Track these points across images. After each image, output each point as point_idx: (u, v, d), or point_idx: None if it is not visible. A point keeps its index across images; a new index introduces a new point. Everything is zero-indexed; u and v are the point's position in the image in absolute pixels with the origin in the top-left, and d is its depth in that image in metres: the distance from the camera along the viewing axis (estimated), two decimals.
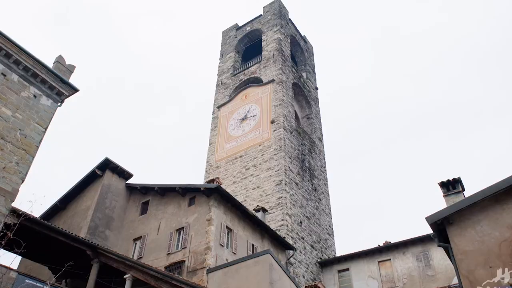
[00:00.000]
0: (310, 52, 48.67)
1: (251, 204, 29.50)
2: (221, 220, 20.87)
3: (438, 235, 10.28)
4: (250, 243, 22.25)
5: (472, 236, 9.52)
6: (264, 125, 35.06)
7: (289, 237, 27.49)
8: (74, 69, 17.61)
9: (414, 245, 24.80)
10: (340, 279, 26.68)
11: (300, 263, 27.51)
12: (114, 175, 24.77)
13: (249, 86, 39.38)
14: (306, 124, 40.91)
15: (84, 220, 22.85)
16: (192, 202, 21.86)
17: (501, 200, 9.55)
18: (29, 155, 15.33)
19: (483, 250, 9.25)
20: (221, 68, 44.25)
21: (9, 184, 14.32)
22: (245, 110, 37.49)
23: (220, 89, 42.15)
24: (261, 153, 33.32)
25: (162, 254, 20.92)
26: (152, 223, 22.72)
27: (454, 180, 12.83)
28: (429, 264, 23.72)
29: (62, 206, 25.27)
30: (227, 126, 37.76)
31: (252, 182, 32.08)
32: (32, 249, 15.65)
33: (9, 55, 15.68)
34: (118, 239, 23.31)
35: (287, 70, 39.59)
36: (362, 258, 26.28)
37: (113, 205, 24.04)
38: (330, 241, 33.72)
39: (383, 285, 24.59)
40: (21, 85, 16.03)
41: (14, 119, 15.32)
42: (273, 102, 35.94)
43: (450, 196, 12.50)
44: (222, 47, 46.39)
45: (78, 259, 15.49)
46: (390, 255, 25.43)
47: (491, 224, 9.40)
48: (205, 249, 19.44)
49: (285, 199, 29.40)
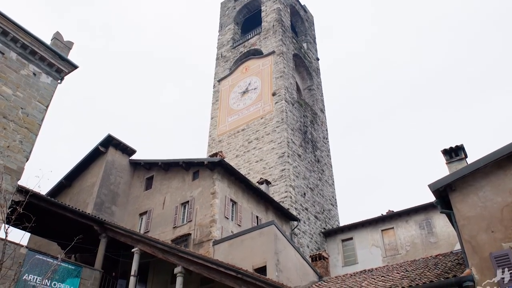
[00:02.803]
0: (311, 22, 47.86)
1: (254, 177, 29.70)
2: (225, 193, 21.07)
3: (441, 202, 10.37)
4: (255, 215, 22.53)
5: (474, 202, 9.60)
6: (265, 97, 34.89)
7: (293, 208, 27.80)
8: (72, 46, 17.43)
9: (417, 213, 25.05)
10: (344, 248, 27.09)
11: (304, 233, 27.92)
12: (117, 152, 24.90)
13: (250, 59, 38.97)
14: (307, 95, 40.68)
15: (90, 197, 23.12)
16: (196, 176, 22.03)
17: (504, 165, 9.58)
18: (32, 134, 15.37)
19: (485, 215, 9.34)
20: (220, 41, 43.69)
21: (14, 163, 14.43)
22: (246, 83, 37.23)
23: (220, 62, 41.74)
24: (263, 126, 33.30)
25: (168, 228, 21.25)
26: (157, 198, 22.98)
27: (457, 147, 12.81)
28: (431, 232, 24.03)
29: (68, 183, 25.54)
30: (228, 99, 37.58)
31: (255, 155, 32.20)
32: (41, 226, 15.87)
33: (6, 32, 15.50)
34: (124, 214, 23.64)
35: (287, 41, 39.06)
36: (366, 227, 26.60)
37: (117, 181, 24.27)
38: (333, 211, 34.09)
39: (386, 252, 24.99)
40: (20, 63, 15.92)
41: (15, 97, 15.28)
42: (274, 74, 35.64)
43: (453, 163, 12.52)
44: (221, 19, 45.64)
45: (86, 235, 15.74)
46: (393, 223, 25.73)
47: (494, 190, 9.46)
48: (211, 222, 19.72)
49: (288, 171, 29.56)
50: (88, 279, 16.76)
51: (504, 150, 9.55)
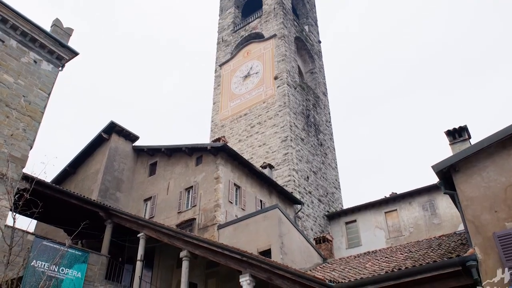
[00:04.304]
0: (312, 3, 47.29)
1: (257, 161, 29.77)
2: (229, 178, 21.15)
3: (444, 183, 10.36)
4: (259, 199, 22.65)
5: (478, 183, 9.59)
6: (267, 81, 34.73)
7: (297, 192, 27.91)
8: (72, 32, 17.32)
9: (420, 195, 25.11)
10: (348, 230, 27.27)
11: (308, 216, 28.09)
12: (120, 138, 24.97)
13: (251, 42, 38.67)
14: (310, 79, 40.45)
15: (94, 183, 23.27)
16: (199, 161, 22.09)
17: (508, 145, 9.54)
18: (35, 121, 15.40)
19: (489, 195, 9.34)
20: (221, 25, 43.30)
21: (18, 151, 14.49)
22: (248, 67, 37.03)
23: (221, 47, 41.45)
24: (265, 110, 33.24)
25: (173, 213, 21.41)
26: (161, 183, 23.10)
27: (461, 128, 12.73)
28: (435, 213, 24.13)
29: (72, 170, 25.69)
30: (230, 84, 37.44)
31: (257, 139, 32.21)
32: (47, 213, 15.99)
33: (6, 20, 15.40)
34: (129, 200, 23.82)
35: (288, 24, 38.68)
36: (369, 209, 26.71)
37: (121, 167, 24.38)
38: (337, 194, 34.22)
39: (390, 234, 25.15)
40: (20, 50, 15.86)
41: (17, 85, 15.26)
42: (276, 58, 35.41)
43: (456, 144, 12.46)
44: (221, 2, 45.14)
45: (92, 221, 15.87)
46: (397, 205, 25.82)
47: (497, 170, 9.44)
48: (215, 207, 19.84)
49: (291, 155, 29.60)
50: (95, 264, 16.99)
51: (509, 130, 9.49)
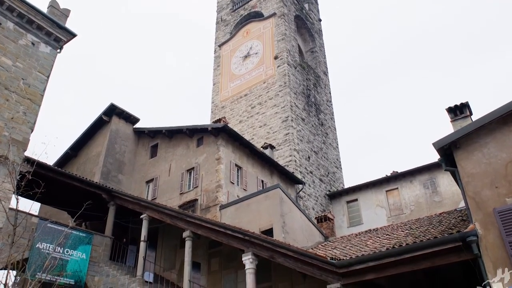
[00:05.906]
0: None
1: (258, 141, 29.78)
2: (230, 159, 21.20)
3: (445, 160, 10.35)
4: (260, 180, 22.74)
5: (479, 159, 9.59)
6: (267, 61, 34.44)
7: (298, 172, 28.00)
8: (69, 13, 17.09)
9: (421, 173, 25.20)
10: (349, 209, 27.46)
11: (310, 196, 28.25)
12: (121, 120, 24.94)
13: (250, 22, 38.19)
14: (310, 58, 40.10)
15: (96, 166, 23.36)
16: (200, 142, 22.11)
17: (509, 121, 9.49)
18: (35, 104, 15.34)
19: (490, 171, 9.35)
20: (220, 4, 42.70)
21: (19, 134, 14.48)
22: (247, 47, 36.67)
23: (220, 27, 40.97)
24: (266, 91, 33.07)
25: (175, 194, 21.54)
26: (163, 165, 23.18)
27: (462, 104, 12.67)
28: (436, 191, 24.25)
29: (74, 153, 25.76)
30: (230, 64, 37.14)
31: (258, 120, 32.15)
32: (49, 196, 16.15)
33: (2, 2, 15.19)
34: (131, 182, 23.95)
35: (288, 2, 38.11)
36: (370, 188, 26.85)
37: (123, 149, 24.43)
38: (338, 174, 34.34)
39: (391, 212, 25.33)
40: (18, 33, 15.69)
41: (16, 68, 15.16)
42: (276, 37, 35.03)
43: (458, 121, 12.42)
44: None
45: (95, 203, 16.01)
46: (398, 184, 25.94)
47: (498, 146, 9.42)
48: (217, 187, 19.95)
49: (292, 135, 29.58)
50: (100, 245, 17.21)
51: (510, 106, 9.42)
